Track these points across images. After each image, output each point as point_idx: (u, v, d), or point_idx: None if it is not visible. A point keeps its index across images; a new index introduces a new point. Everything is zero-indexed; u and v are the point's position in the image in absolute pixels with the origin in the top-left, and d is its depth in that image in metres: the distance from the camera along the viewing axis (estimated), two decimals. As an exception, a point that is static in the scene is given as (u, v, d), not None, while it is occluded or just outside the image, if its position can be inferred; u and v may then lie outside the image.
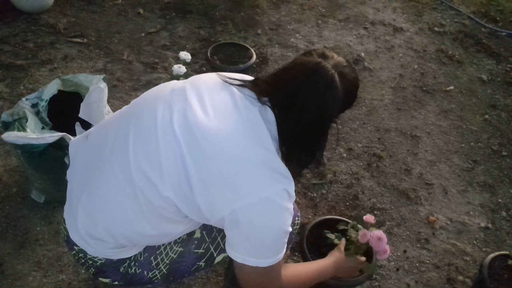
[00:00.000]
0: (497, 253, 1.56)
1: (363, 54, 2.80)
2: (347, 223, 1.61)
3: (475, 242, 1.86)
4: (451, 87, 2.64)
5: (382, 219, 1.90)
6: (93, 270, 1.11)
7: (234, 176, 0.92)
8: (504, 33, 3.09)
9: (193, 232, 1.14)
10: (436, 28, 3.10)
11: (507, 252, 1.55)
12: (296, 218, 1.27)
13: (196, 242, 1.14)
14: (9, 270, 1.62)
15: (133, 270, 1.11)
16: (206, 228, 1.15)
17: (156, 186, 0.95)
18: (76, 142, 1.17)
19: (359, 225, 1.40)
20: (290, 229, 0.98)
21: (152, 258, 1.11)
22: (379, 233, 1.31)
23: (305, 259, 1.51)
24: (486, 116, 2.48)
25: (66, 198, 1.11)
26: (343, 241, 1.38)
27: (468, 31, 3.09)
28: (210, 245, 1.15)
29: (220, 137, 0.94)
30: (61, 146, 1.59)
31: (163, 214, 0.99)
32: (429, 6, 3.35)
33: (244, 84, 1.03)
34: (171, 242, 1.12)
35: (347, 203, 1.95)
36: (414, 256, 1.79)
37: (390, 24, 3.11)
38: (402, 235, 1.86)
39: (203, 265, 1.17)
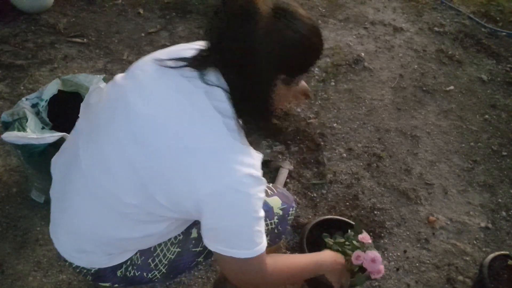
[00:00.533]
0: (497, 253, 1.56)
1: (363, 54, 2.80)
2: (347, 223, 1.61)
3: (475, 242, 1.86)
4: (451, 87, 2.64)
5: (382, 219, 1.90)
6: (90, 278, 1.11)
7: (187, 169, 0.86)
8: (504, 33, 3.09)
9: (189, 233, 1.13)
10: (436, 28, 3.10)
11: (507, 252, 1.55)
12: (291, 209, 1.25)
13: (193, 241, 1.14)
14: (9, 270, 1.62)
15: (131, 274, 1.10)
16: None
17: (117, 195, 0.93)
18: (55, 158, 1.15)
19: (354, 241, 1.40)
20: (262, 215, 0.92)
21: (150, 260, 1.11)
22: (373, 254, 1.31)
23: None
24: (486, 116, 2.48)
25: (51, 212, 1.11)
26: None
27: (468, 31, 3.09)
28: None
29: (166, 132, 0.87)
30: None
31: (138, 218, 0.96)
32: (429, 6, 3.35)
33: (183, 65, 0.92)
34: (167, 244, 1.11)
35: (347, 203, 1.95)
36: (414, 256, 1.79)
37: (390, 24, 3.11)
38: (402, 235, 1.86)
39: (202, 260, 1.18)
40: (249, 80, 0.87)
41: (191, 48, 0.98)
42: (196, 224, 1.13)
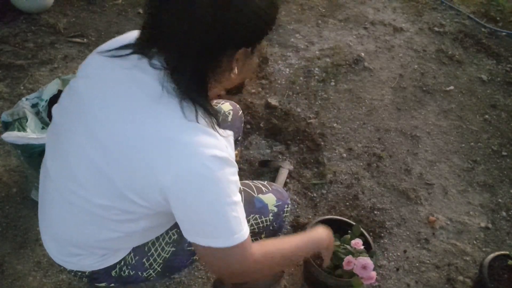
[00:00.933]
0: (497, 253, 1.56)
1: (363, 54, 2.80)
2: (347, 223, 1.61)
3: (475, 242, 1.86)
4: (451, 87, 2.64)
5: (382, 219, 1.90)
6: (86, 280, 1.11)
7: (147, 158, 0.82)
8: (504, 33, 3.09)
9: None
10: (436, 28, 3.10)
11: (507, 252, 1.55)
12: (286, 206, 1.24)
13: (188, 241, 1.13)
14: (9, 270, 1.62)
15: (126, 273, 1.10)
16: None
17: (89, 199, 0.92)
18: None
19: (348, 246, 1.40)
20: (236, 199, 0.86)
21: (144, 260, 1.10)
22: (364, 261, 1.31)
23: (305, 259, 1.51)
24: (486, 116, 2.48)
25: None
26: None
27: (468, 31, 3.09)
28: None
29: (124, 125, 0.84)
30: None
31: (117, 218, 0.94)
32: (429, 6, 3.35)
33: (128, 53, 0.88)
34: (162, 243, 1.10)
35: (347, 203, 1.95)
36: (414, 256, 1.79)
37: (390, 24, 3.11)
38: (402, 235, 1.86)
39: (198, 258, 1.17)
40: (189, 58, 0.81)
41: (130, 36, 0.94)
42: None
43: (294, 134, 2.23)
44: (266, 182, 1.27)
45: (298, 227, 1.83)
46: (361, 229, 1.54)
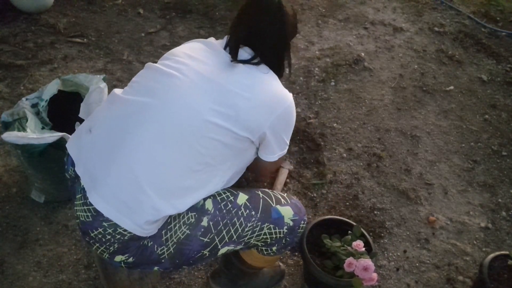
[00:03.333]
0: (497, 253, 1.56)
1: (363, 54, 2.80)
2: (347, 223, 1.61)
3: (475, 242, 1.86)
4: (451, 87, 2.64)
5: (382, 219, 1.90)
6: (116, 247, 1.12)
7: (269, 93, 1.19)
8: (504, 33, 3.09)
9: (201, 219, 1.16)
10: (436, 28, 3.10)
11: (507, 252, 1.55)
12: (302, 222, 1.29)
13: (202, 229, 1.16)
14: (9, 270, 1.62)
15: (146, 242, 1.13)
16: (213, 220, 1.17)
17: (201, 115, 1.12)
18: (75, 140, 1.20)
19: (349, 247, 1.41)
20: None
21: (163, 232, 1.14)
22: (365, 263, 1.31)
23: (305, 259, 1.51)
24: (486, 116, 2.48)
25: (85, 181, 1.13)
26: None
27: (468, 31, 3.09)
28: (216, 237, 1.17)
29: (242, 85, 1.16)
30: (61, 146, 1.59)
31: (212, 136, 1.11)
32: (429, 6, 3.35)
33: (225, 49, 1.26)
34: (180, 221, 1.14)
35: (347, 203, 1.95)
36: (414, 256, 1.79)
37: (390, 24, 3.11)
38: (402, 235, 1.86)
39: (207, 254, 1.20)
40: (277, 51, 1.28)
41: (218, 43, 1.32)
42: (207, 214, 1.16)
43: (294, 134, 2.23)
44: (286, 194, 1.32)
45: (298, 227, 1.83)
46: (362, 229, 1.54)
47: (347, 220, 1.63)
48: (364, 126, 2.34)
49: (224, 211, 1.17)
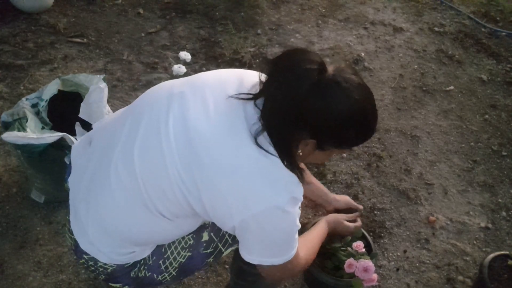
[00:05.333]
0: (497, 253, 1.56)
1: (363, 54, 2.80)
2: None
3: (475, 242, 1.86)
4: (451, 87, 2.64)
5: (382, 219, 1.90)
6: (104, 276, 1.11)
7: (241, 188, 0.91)
8: (504, 33, 3.09)
9: (200, 236, 1.14)
10: (436, 28, 3.10)
11: (507, 252, 1.55)
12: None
13: (204, 244, 1.15)
14: (9, 270, 1.62)
15: (143, 274, 1.11)
16: (214, 230, 1.15)
17: (167, 197, 0.96)
18: (78, 147, 1.17)
19: (350, 248, 1.41)
20: (299, 226, 1.00)
21: (160, 262, 1.12)
22: (365, 264, 1.31)
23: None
24: (486, 116, 2.48)
25: (70, 207, 1.11)
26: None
27: (468, 31, 3.09)
28: (219, 243, 1.17)
29: (223, 148, 0.92)
30: (61, 146, 1.59)
31: (174, 211, 1.00)
32: (429, 6, 3.35)
33: (251, 98, 0.96)
34: (178, 248, 1.12)
35: (347, 203, 1.95)
36: (414, 256, 1.79)
37: (390, 24, 3.11)
38: (402, 235, 1.86)
39: (212, 261, 1.20)
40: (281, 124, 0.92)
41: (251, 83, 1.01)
42: (206, 227, 1.14)
43: (294, 134, 2.23)
44: None
45: (298, 227, 1.83)
46: (362, 230, 1.54)
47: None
48: (364, 126, 2.34)
49: None
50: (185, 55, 2.51)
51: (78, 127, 1.62)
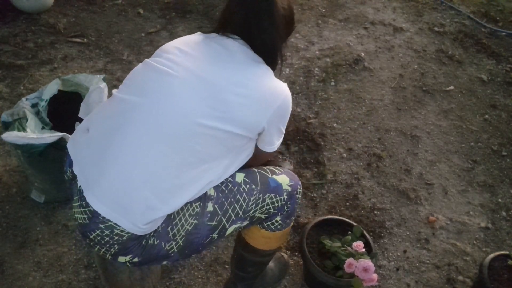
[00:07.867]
0: (497, 253, 1.56)
1: (363, 54, 2.80)
2: (347, 223, 1.61)
3: (475, 242, 1.86)
4: (451, 87, 2.64)
5: (382, 219, 1.90)
6: (116, 248, 1.12)
7: (261, 92, 1.15)
8: (504, 33, 3.09)
9: (206, 206, 1.17)
10: (436, 28, 3.10)
11: (507, 252, 1.55)
12: (298, 186, 1.33)
13: (209, 215, 1.17)
14: (9, 270, 1.62)
15: (151, 241, 1.13)
16: (218, 202, 1.18)
17: (191, 118, 1.10)
18: (74, 140, 1.20)
19: (349, 248, 1.41)
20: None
21: (169, 228, 1.14)
22: (365, 263, 1.31)
23: (305, 259, 1.51)
24: (486, 116, 2.48)
25: (82, 187, 1.12)
26: None
27: (468, 31, 3.09)
28: (222, 217, 1.19)
29: (235, 78, 1.14)
30: (61, 146, 1.59)
31: (205, 135, 1.11)
32: (429, 6, 3.35)
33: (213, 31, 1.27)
34: (185, 214, 1.15)
35: (347, 203, 1.95)
36: (414, 256, 1.79)
37: (390, 24, 3.11)
38: (402, 235, 1.86)
39: (216, 237, 1.21)
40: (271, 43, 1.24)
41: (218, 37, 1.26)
42: (211, 198, 1.17)
43: (294, 134, 2.23)
44: (277, 166, 1.38)
45: (298, 227, 1.83)
46: (362, 229, 1.54)
47: (347, 220, 1.63)
48: (364, 126, 2.34)
49: (226, 191, 1.19)
50: (185, 55, 2.50)
51: (78, 126, 1.63)
